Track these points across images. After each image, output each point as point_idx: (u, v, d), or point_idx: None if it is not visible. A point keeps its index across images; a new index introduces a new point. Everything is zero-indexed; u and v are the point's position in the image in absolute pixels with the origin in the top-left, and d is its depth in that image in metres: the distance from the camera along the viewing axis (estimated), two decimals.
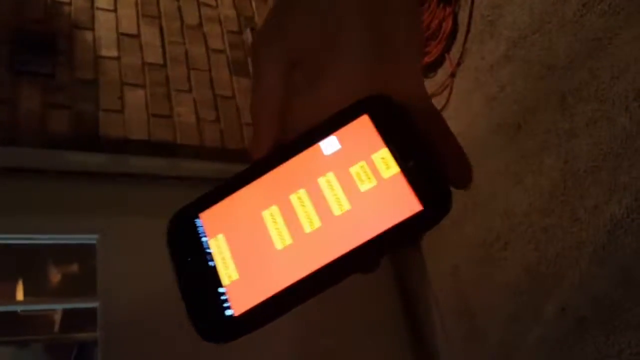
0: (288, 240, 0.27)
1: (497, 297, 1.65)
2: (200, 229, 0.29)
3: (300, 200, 0.28)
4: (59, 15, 1.81)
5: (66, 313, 2.03)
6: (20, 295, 1.89)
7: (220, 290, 0.27)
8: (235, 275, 0.27)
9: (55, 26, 1.79)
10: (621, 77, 1.31)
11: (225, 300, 0.27)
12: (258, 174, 0.29)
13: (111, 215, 1.71)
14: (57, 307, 2.01)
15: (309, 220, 0.27)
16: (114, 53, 1.84)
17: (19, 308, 1.95)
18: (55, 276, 2.07)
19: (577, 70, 1.41)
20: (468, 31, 1.75)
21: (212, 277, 0.28)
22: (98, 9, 1.89)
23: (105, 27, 1.87)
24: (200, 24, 2.08)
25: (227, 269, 0.28)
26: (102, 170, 1.71)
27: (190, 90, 1.90)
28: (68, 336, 2.08)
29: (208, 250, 0.28)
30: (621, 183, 1.30)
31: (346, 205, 0.27)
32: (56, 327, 2.06)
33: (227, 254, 0.28)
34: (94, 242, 1.67)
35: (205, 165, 1.82)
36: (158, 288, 1.59)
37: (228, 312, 0.27)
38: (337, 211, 0.27)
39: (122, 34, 1.89)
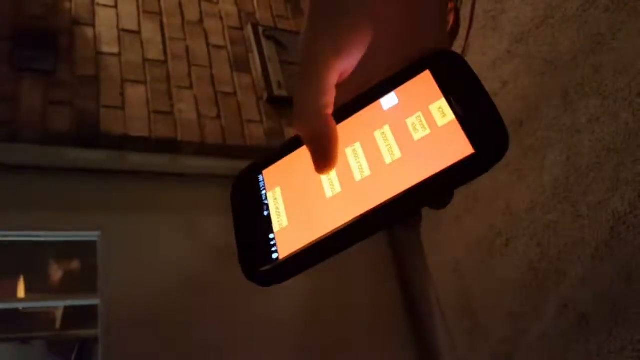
0: (337, 189, 0.28)
1: (498, 293, 1.64)
2: (261, 184, 0.32)
3: (354, 152, 0.29)
4: (60, 12, 1.81)
5: (67, 310, 2.03)
6: (21, 292, 1.89)
7: (271, 236, 0.29)
8: (285, 223, 0.29)
9: (56, 23, 1.78)
10: (624, 72, 1.30)
11: (274, 246, 0.29)
12: None
13: (112, 212, 1.70)
14: (59, 304, 2.01)
15: (360, 169, 0.28)
16: (114, 49, 1.83)
17: (20, 305, 1.95)
18: (56, 273, 2.07)
19: (580, 66, 1.40)
20: (470, 26, 1.74)
21: (265, 225, 0.30)
22: (98, 5, 1.89)
23: (105, 24, 1.86)
24: (201, 20, 2.07)
25: (279, 217, 0.30)
26: (103, 167, 1.71)
27: (191, 87, 1.90)
28: (69, 333, 2.09)
29: (265, 202, 0.31)
30: (624, 179, 1.30)
31: (397, 154, 0.28)
32: (57, 324, 2.06)
33: (281, 204, 0.30)
34: (95, 239, 1.67)
35: (207, 162, 1.82)
36: (159, 285, 1.60)
37: (274, 256, 0.28)
38: (388, 160, 0.28)
39: (123, 30, 1.88)
